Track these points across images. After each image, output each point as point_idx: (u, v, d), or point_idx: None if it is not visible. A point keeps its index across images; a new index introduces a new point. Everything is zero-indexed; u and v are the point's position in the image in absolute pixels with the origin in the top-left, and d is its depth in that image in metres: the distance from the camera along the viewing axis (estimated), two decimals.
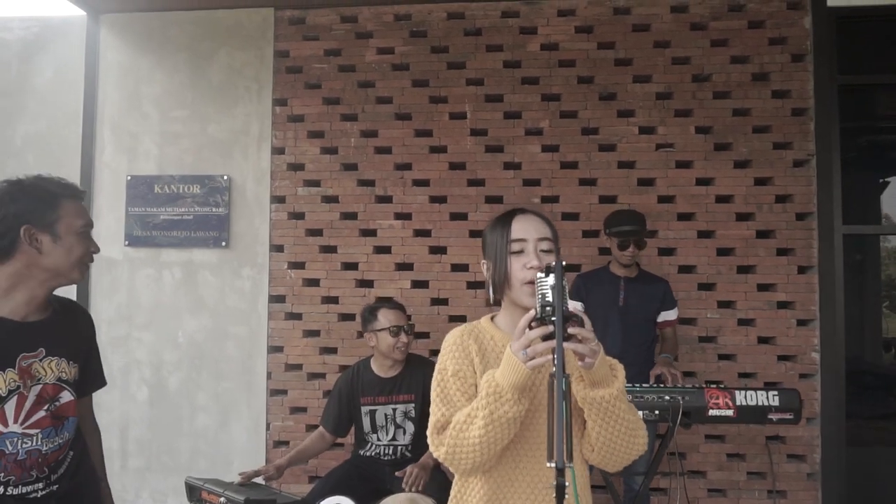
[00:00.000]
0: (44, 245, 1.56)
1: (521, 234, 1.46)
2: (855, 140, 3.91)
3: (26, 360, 1.56)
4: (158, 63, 3.95)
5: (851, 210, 3.70)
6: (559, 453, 1.03)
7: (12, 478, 1.52)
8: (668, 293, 3.22)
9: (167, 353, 3.89)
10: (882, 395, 4.66)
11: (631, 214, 3.21)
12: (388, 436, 2.83)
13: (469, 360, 1.48)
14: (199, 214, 3.87)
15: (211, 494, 2.44)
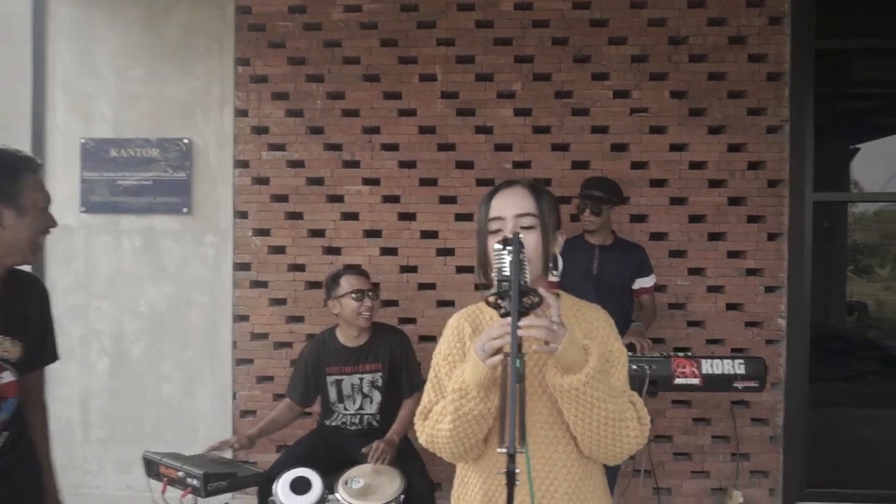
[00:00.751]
0: (6, 219, 1.52)
1: (498, 211, 1.39)
2: (828, 106, 3.88)
3: None
4: (111, 20, 3.74)
5: (823, 177, 3.70)
6: (511, 438, 0.97)
7: None
8: (644, 260, 3.20)
9: (128, 322, 3.78)
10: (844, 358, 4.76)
11: (600, 181, 3.17)
12: (356, 405, 2.80)
13: (461, 343, 1.42)
14: (160, 180, 3.72)
15: (169, 469, 2.38)
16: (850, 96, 4.14)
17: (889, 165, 3.95)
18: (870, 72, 4.07)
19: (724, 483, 3.64)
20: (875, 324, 6.29)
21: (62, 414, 3.73)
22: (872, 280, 5.87)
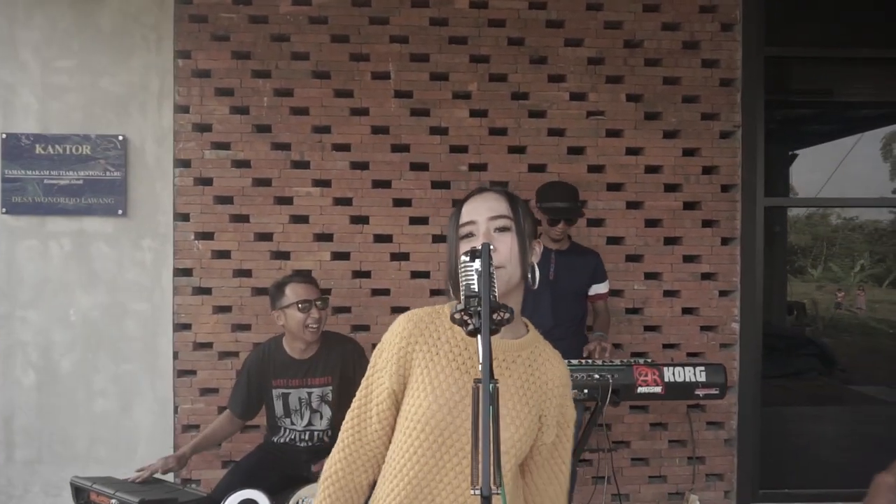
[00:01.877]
0: None
1: (469, 215, 1.26)
2: (778, 112, 3.95)
3: None
4: (37, 4, 3.45)
5: (772, 182, 3.75)
6: (485, 476, 0.85)
7: None
8: (599, 266, 3.17)
9: (57, 333, 3.50)
10: (786, 356, 4.89)
11: (564, 190, 3.11)
12: (304, 420, 2.64)
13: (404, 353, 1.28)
14: (91, 179, 3.47)
15: (101, 496, 2.18)
16: (797, 103, 4.23)
17: (833, 170, 4.07)
18: (818, 80, 4.17)
19: (680, 487, 3.65)
20: (812, 322, 6.57)
21: None
22: (807, 280, 6.12)
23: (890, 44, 3.82)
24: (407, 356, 1.27)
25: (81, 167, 3.45)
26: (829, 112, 4.21)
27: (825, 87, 4.17)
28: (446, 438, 1.20)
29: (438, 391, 1.21)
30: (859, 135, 4.29)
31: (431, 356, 1.26)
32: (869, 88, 4.20)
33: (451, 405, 1.20)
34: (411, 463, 1.22)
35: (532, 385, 1.26)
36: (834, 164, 4.08)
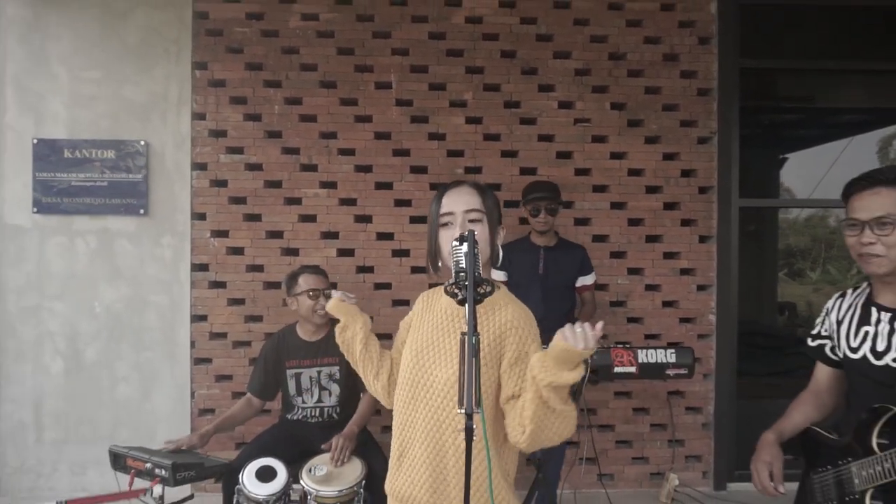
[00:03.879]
0: None
1: (448, 207, 1.55)
2: (753, 119, 4.22)
3: None
4: (66, 19, 3.73)
5: (748, 184, 4.02)
6: (468, 400, 1.14)
7: None
8: (585, 259, 3.42)
9: (83, 323, 3.78)
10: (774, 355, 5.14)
11: (542, 183, 3.38)
12: (314, 398, 2.91)
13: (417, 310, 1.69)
14: (114, 181, 3.74)
15: (136, 461, 2.45)
16: (772, 110, 4.51)
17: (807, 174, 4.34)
18: (789, 89, 4.45)
19: (661, 468, 3.91)
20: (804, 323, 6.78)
21: (14, 416, 3.70)
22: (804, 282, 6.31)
23: (856, 56, 4.11)
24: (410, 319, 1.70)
25: (106, 170, 3.73)
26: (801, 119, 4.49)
27: (796, 96, 4.45)
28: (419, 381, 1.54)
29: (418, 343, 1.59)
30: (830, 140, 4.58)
31: (426, 318, 1.63)
32: (838, 97, 4.49)
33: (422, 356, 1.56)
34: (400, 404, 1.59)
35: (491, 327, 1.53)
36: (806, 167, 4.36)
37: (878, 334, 1.63)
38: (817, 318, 1.87)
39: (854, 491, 1.57)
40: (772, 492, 1.75)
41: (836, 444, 1.69)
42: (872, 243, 1.57)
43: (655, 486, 3.88)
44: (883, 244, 1.56)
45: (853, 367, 1.69)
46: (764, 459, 1.78)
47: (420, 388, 1.54)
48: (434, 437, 1.49)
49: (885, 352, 1.60)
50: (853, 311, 1.72)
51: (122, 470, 2.50)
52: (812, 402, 1.87)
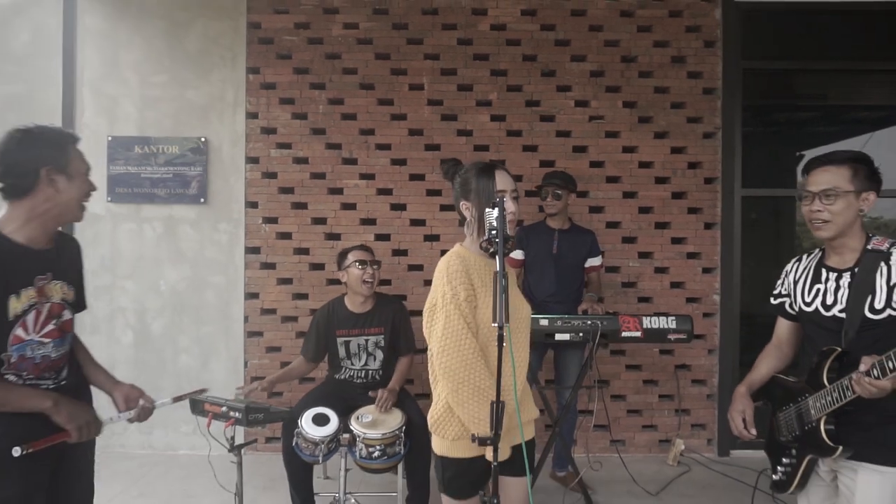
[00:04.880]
0: (60, 184, 1.81)
1: (502, 185, 1.96)
2: (755, 116, 4.56)
3: (40, 281, 1.84)
4: (136, 30, 4.21)
5: (751, 175, 4.35)
6: (500, 317, 1.56)
7: (31, 377, 1.84)
8: (594, 243, 3.78)
9: (150, 300, 4.25)
10: None
11: (554, 173, 3.75)
12: (361, 362, 3.33)
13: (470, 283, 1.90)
14: (178, 173, 4.21)
15: (213, 406, 2.88)
16: (773, 108, 4.84)
17: None
18: (789, 88, 4.78)
19: (668, 435, 4.27)
20: None
21: None
22: None
23: (852, 57, 4.43)
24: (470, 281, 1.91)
25: (171, 164, 4.20)
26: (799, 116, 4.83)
27: (795, 95, 4.78)
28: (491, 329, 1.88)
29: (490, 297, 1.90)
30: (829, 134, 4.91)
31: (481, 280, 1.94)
32: (834, 95, 4.81)
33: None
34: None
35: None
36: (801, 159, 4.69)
37: (827, 291, 1.96)
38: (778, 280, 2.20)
39: (811, 420, 1.91)
40: (746, 435, 2.11)
41: (795, 386, 2.03)
42: (819, 211, 1.92)
43: (664, 451, 4.25)
44: (828, 212, 1.91)
45: (807, 319, 2.03)
46: (737, 409, 2.15)
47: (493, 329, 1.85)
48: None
49: (832, 305, 1.94)
50: (807, 272, 2.07)
51: (201, 414, 2.93)
52: (775, 354, 2.20)
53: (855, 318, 1.86)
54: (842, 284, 1.93)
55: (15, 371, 1.80)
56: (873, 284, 1.86)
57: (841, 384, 1.80)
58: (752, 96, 4.36)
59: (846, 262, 1.95)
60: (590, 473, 3.83)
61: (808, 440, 1.92)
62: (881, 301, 1.84)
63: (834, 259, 1.99)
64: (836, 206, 1.89)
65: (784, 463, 2.04)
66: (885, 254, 1.87)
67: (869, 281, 1.87)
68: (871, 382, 1.68)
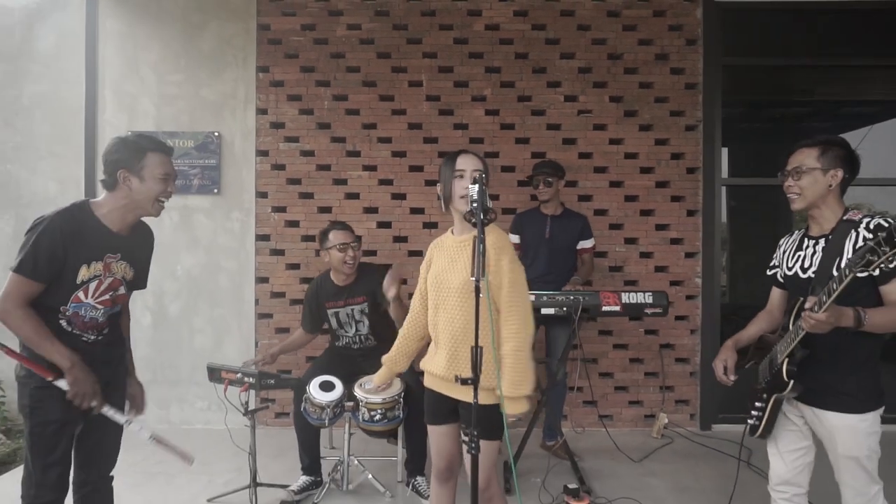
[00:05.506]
0: (133, 184, 2.14)
1: (462, 165, 2.23)
2: (734, 110, 4.82)
3: (109, 258, 2.19)
4: (154, 32, 4.51)
5: (731, 165, 4.62)
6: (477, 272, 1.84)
7: (78, 329, 2.17)
8: (585, 227, 4.02)
9: (167, 284, 4.55)
10: None
11: (544, 162, 4.01)
12: (353, 329, 3.58)
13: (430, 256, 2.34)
14: (193, 165, 4.50)
15: (229, 373, 3.17)
16: (751, 102, 5.10)
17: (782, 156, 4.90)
18: (765, 83, 5.03)
19: (653, 410, 4.54)
20: None
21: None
22: None
23: (828, 54, 4.68)
24: (430, 258, 2.37)
25: (187, 157, 4.49)
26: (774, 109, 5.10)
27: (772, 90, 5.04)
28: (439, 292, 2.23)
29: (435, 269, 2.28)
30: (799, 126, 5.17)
31: (437, 256, 2.32)
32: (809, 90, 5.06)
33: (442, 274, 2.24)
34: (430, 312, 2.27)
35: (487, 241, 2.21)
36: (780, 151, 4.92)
37: (806, 256, 2.21)
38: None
39: (777, 363, 2.15)
40: (726, 381, 2.33)
41: (773, 340, 2.27)
42: (791, 186, 2.19)
43: (648, 426, 4.51)
44: (798, 186, 2.16)
45: (789, 282, 2.28)
46: (721, 358, 2.37)
47: (442, 293, 2.23)
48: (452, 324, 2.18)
49: (809, 267, 2.18)
50: (794, 243, 2.31)
51: (218, 381, 3.23)
52: (766, 318, 2.43)
53: (822, 276, 2.07)
54: (817, 249, 2.17)
55: (67, 321, 2.13)
56: (842, 248, 2.06)
57: (798, 325, 2.03)
58: (732, 91, 4.62)
59: (824, 231, 2.18)
60: (577, 443, 4.11)
61: (774, 381, 2.16)
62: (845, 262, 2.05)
63: (814, 229, 2.22)
64: (804, 182, 2.14)
65: (757, 407, 2.26)
66: (856, 223, 2.08)
67: (839, 245, 2.08)
68: (810, 315, 1.91)
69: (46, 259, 2.04)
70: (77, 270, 2.10)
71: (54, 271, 2.07)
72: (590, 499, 3.25)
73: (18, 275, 2.04)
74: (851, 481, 2.11)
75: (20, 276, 2.04)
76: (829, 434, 2.12)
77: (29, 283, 2.05)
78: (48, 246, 2.04)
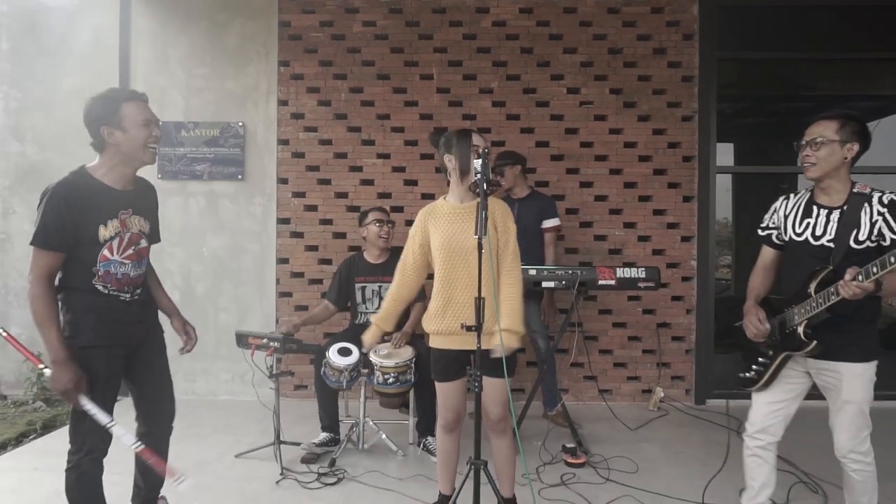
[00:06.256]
0: (117, 137, 2.18)
1: (477, 142, 2.53)
2: (729, 101, 5.06)
3: (123, 214, 2.26)
4: (182, 30, 4.83)
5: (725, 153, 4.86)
6: (479, 230, 2.12)
7: (114, 289, 2.31)
8: (549, 206, 4.18)
9: (194, 265, 4.87)
10: None
11: (502, 153, 4.21)
12: (374, 306, 3.89)
13: (423, 227, 2.60)
14: (219, 154, 4.82)
15: (256, 338, 3.48)
16: (744, 95, 5.34)
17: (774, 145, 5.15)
18: (759, 76, 5.28)
19: (650, 385, 4.79)
20: None
21: None
22: None
23: (818, 48, 4.92)
24: (425, 225, 2.60)
25: (213, 146, 4.81)
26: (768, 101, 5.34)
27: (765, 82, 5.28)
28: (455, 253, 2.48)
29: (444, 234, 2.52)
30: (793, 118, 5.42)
31: (436, 222, 2.58)
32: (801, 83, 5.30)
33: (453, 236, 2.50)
34: (443, 272, 2.50)
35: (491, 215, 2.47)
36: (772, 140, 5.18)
37: (817, 224, 2.37)
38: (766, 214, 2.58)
39: (794, 324, 2.32)
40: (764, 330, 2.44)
41: (780, 301, 2.46)
42: (808, 156, 2.36)
43: (646, 400, 4.77)
44: (815, 157, 2.34)
45: (797, 247, 2.42)
46: (751, 313, 2.50)
47: (460, 255, 2.49)
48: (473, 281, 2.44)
49: (821, 235, 2.35)
50: (797, 208, 2.47)
51: (245, 346, 3.53)
52: (762, 274, 2.61)
53: (842, 246, 2.26)
54: (832, 219, 2.33)
55: (102, 282, 2.25)
56: (859, 221, 2.25)
57: (827, 291, 2.20)
58: (726, 84, 4.87)
59: (835, 202, 2.33)
60: (577, 412, 4.38)
61: (787, 341, 2.35)
62: (864, 234, 2.25)
63: (823, 198, 2.39)
64: (822, 153, 2.32)
65: (759, 362, 2.46)
66: (867, 196, 2.28)
67: (855, 217, 2.26)
68: (857, 285, 2.07)
69: (54, 228, 2.11)
70: (96, 231, 2.19)
71: (65, 238, 2.13)
72: (586, 457, 3.53)
73: (34, 247, 2.13)
74: (849, 424, 2.30)
75: (35, 247, 2.13)
76: (838, 383, 2.30)
77: (45, 254, 2.12)
78: (53, 215, 2.10)
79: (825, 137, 2.32)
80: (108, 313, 2.28)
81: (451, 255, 2.53)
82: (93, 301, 2.24)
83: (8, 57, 4.91)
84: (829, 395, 2.38)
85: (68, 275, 2.23)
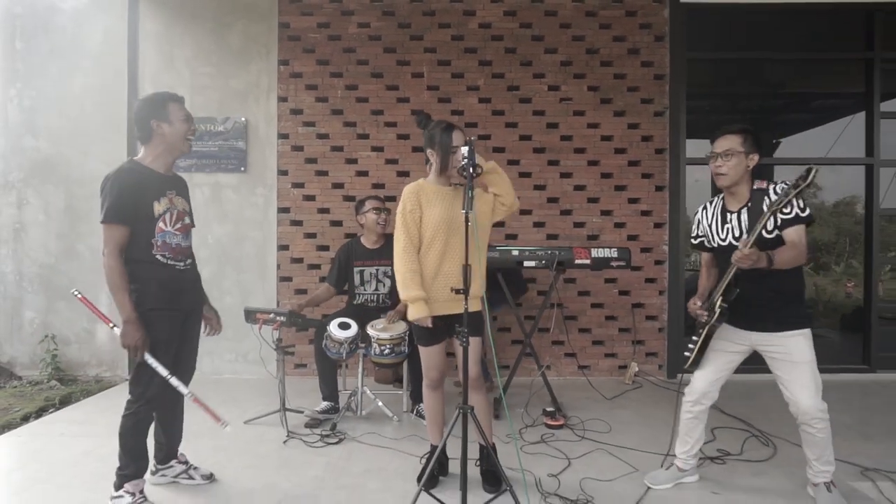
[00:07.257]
0: (164, 129, 2.66)
1: (456, 141, 2.85)
2: (699, 99, 5.44)
3: (170, 193, 2.70)
4: (188, 31, 5.14)
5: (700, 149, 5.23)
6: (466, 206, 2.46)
7: (171, 257, 2.71)
8: None
9: (200, 251, 5.08)
10: None
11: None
12: (372, 287, 4.23)
13: (418, 204, 2.84)
14: (223, 147, 5.14)
15: (262, 314, 3.81)
16: (712, 92, 5.72)
17: None
18: (725, 75, 5.66)
19: (626, 361, 5.17)
20: None
21: None
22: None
23: (782, 48, 5.31)
24: (419, 202, 2.85)
25: (217, 140, 5.12)
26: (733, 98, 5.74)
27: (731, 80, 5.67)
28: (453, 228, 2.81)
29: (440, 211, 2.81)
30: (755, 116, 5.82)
31: (428, 200, 2.85)
32: (768, 81, 5.69)
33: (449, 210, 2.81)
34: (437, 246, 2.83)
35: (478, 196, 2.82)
36: None
37: (734, 227, 2.70)
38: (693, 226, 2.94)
39: (712, 301, 2.69)
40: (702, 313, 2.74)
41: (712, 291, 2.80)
42: (720, 166, 2.68)
43: (622, 375, 5.14)
44: (726, 167, 2.65)
45: (723, 250, 2.73)
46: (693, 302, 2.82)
47: (455, 228, 2.79)
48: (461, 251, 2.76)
49: (739, 237, 2.67)
50: (716, 217, 2.81)
51: (252, 322, 3.86)
52: (706, 273, 2.94)
53: (753, 233, 2.54)
54: (742, 219, 2.66)
55: (161, 252, 2.66)
56: (761, 210, 2.54)
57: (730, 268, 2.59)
58: (695, 82, 5.24)
59: (740, 203, 2.68)
60: (557, 385, 4.74)
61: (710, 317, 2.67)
62: (771, 224, 2.57)
63: (732, 203, 2.72)
64: (731, 163, 2.64)
65: (693, 341, 2.79)
66: (765, 190, 2.60)
67: (758, 209, 2.58)
68: (739, 250, 2.45)
69: (121, 204, 2.51)
70: (151, 207, 2.61)
71: (130, 213, 2.54)
72: (565, 420, 3.89)
73: (107, 223, 2.51)
74: (810, 381, 2.57)
75: (108, 223, 2.51)
76: (786, 349, 2.58)
77: (116, 228, 2.52)
78: (118, 193, 2.52)
79: (733, 150, 2.62)
80: (168, 281, 2.67)
81: (448, 230, 2.80)
82: (155, 270, 2.64)
83: (22, 57, 5.20)
84: (783, 366, 2.62)
85: (132, 249, 2.60)
